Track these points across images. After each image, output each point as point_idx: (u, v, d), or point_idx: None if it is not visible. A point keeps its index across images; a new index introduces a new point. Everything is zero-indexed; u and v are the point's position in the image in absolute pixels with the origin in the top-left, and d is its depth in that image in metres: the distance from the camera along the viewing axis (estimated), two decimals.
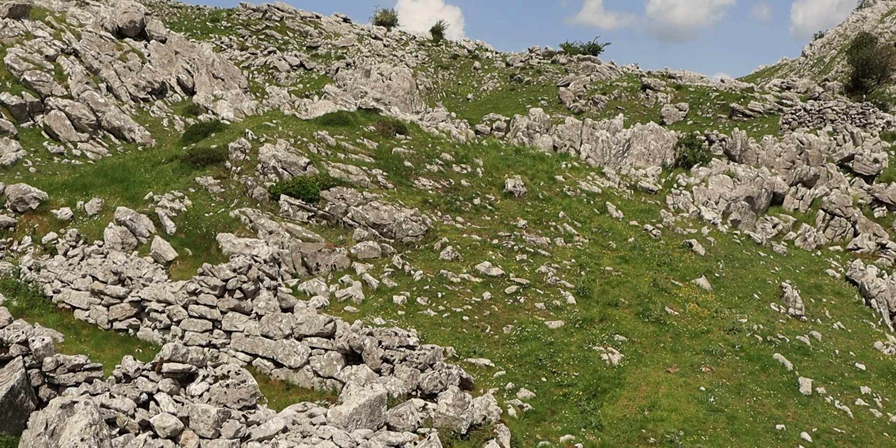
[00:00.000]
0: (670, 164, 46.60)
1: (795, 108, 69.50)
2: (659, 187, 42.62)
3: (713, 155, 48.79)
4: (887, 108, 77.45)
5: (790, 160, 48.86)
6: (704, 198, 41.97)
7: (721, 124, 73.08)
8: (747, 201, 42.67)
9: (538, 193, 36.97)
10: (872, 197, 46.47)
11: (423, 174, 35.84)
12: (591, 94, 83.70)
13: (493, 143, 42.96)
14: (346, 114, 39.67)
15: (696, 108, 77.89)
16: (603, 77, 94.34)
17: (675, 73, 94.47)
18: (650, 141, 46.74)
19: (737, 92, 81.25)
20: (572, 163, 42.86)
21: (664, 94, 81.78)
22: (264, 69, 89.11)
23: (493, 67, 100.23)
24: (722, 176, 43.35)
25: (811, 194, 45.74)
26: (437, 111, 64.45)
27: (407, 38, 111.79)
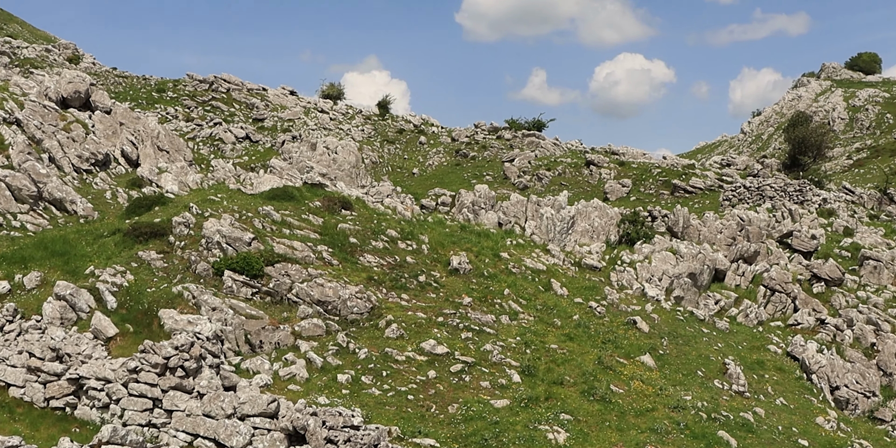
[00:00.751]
0: (614, 240, 47.02)
1: (735, 184, 70.71)
2: (603, 264, 42.94)
3: (656, 232, 49.32)
4: (823, 185, 79.10)
5: (731, 237, 49.51)
6: (648, 274, 42.30)
7: (663, 200, 74.05)
8: (690, 278, 43.07)
9: (483, 270, 37.04)
10: (811, 273, 47.19)
11: (369, 251, 35.79)
12: (536, 170, 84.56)
13: (438, 220, 43.08)
14: (292, 189, 39.63)
15: (638, 185, 78.94)
16: (547, 153, 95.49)
17: (619, 150, 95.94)
18: (594, 218, 47.17)
19: (678, 168, 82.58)
20: (517, 240, 43.08)
21: (608, 171, 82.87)
22: (210, 141, 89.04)
23: (438, 142, 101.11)
24: (665, 253, 43.78)
25: (752, 270, 46.32)
26: (382, 185, 64.65)
27: (353, 111, 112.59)
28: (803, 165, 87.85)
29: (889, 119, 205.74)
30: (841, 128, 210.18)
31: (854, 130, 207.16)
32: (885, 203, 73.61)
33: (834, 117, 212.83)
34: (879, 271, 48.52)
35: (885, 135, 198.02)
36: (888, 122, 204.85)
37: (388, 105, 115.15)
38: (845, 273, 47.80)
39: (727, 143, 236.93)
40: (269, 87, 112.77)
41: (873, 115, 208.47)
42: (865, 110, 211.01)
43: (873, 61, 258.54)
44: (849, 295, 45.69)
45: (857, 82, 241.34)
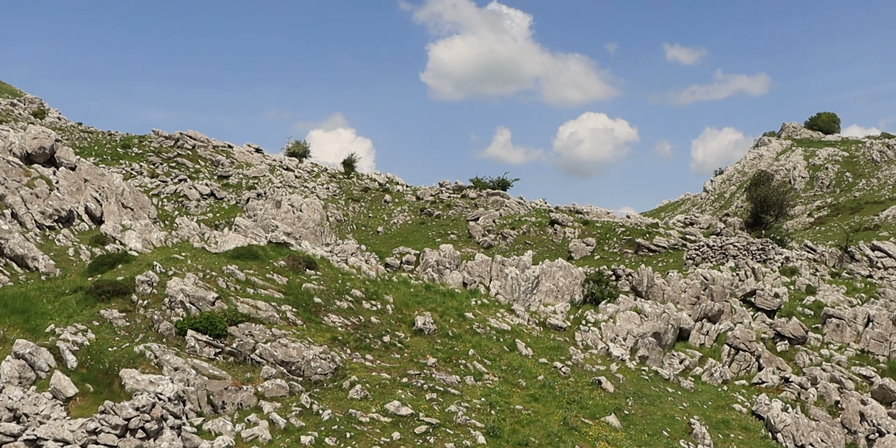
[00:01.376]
0: (579, 300, 47.13)
1: (699, 243, 71.27)
2: (568, 324, 42.96)
3: (620, 291, 49.51)
4: (785, 243, 79.85)
5: (695, 296, 49.77)
6: (613, 334, 42.35)
7: (628, 259, 74.41)
8: (654, 337, 43.15)
9: (448, 331, 36.95)
10: (774, 331, 47.43)
11: (333, 311, 35.65)
12: (501, 229, 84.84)
13: (403, 279, 43.03)
14: (257, 248, 39.52)
15: (603, 243, 79.33)
16: (512, 212, 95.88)
17: (583, 209, 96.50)
18: (559, 277, 47.31)
19: (642, 227, 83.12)
20: (482, 299, 43.09)
21: (572, 230, 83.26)
22: (174, 197, 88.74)
23: (403, 201, 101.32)
24: (629, 312, 43.89)
25: (716, 329, 46.47)
26: (347, 243, 64.56)
27: (318, 169, 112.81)
28: (765, 224, 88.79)
29: (848, 177, 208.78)
30: (802, 186, 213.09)
31: (815, 189, 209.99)
32: (845, 261, 74.37)
33: (795, 176, 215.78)
34: (842, 329, 48.83)
35: (845, 193, 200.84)
36: (847, 180, 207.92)
37: (354, 163, 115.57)
38: (808, 331, 48.08)
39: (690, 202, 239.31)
40: (235, 145, 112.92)
41: (833, 174, 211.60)
42: (825, 169, 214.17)
43: (832, 121, 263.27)
44: (812, 353, 45.91)
45: (817, 141, 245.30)
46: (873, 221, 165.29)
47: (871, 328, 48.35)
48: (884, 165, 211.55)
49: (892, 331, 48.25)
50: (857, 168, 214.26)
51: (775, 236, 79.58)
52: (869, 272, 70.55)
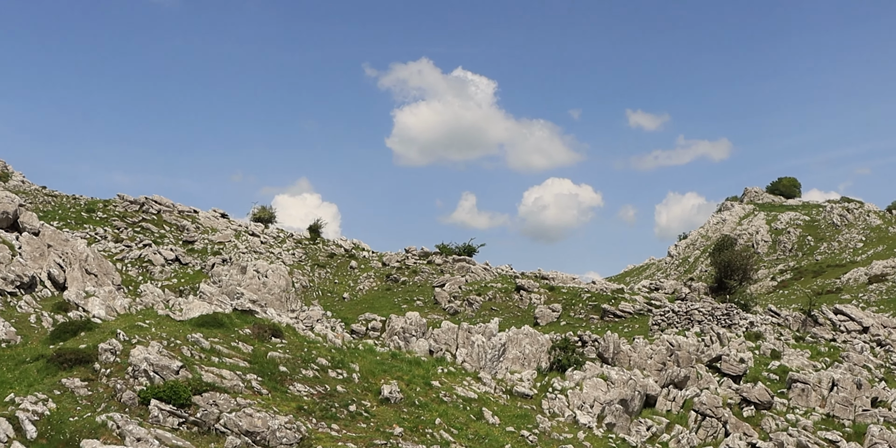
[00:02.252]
0: (545, 367, 47.06)
1: (664, 309, 71.57)
2: (534, 392, 42.83)
3: (587, 357, 49.50)
4: (749, 307, 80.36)
5: (661, 362, 49.87)
6: (579, 401, 42.26)
7: (594, 325, 74.53)
8: (621, 404, 43.10)
9: (415, 399, 36.75)
10: (741, 397, 47.58)
11: (299, 379, 35.39)
12: (467, 295, 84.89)
13: (369, 347, 42.86)
14: (222, 315, 39.29)
15: (568, 309, 79.49)
16: (478, 278, 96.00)
17: (548, 274, 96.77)
18: (525, 345, 47.28)
19: (608, 293, 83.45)
20: (449, 367, 42.93)
21: (538, 295, 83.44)
22: (139, 262, 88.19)
23: (369, 267, 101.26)
24: (596, 379, 43.86)
25: (682, 395, 46.52)
26: (313, 310, 64.32)
27: (284, 235, 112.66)
28: (730, 288, 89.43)
29: (810, 241, 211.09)
30: (765, 250, 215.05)
31: (777, 252, 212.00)
32: (809, 325, 74.88)
33: (757, 240, 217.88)
34: (807, 394, 49.08)
35: (807, 256, 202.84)
36: (809, 244, 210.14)
37: (320, 229, 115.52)
38: (774, 396, 48.28)
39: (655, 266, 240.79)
40: (201, 210, 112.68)
41: (795, 238, 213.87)
42: (787, 233, 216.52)
43: (793, 185, 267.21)
44: (779, 418, 46.06)
45: (779, 206, 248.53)
46: (835, 285, 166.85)
47: (835, 392, 48.64)
48: (844, 229, 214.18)
49: (857, 395, 48.54)
50: (818, 232, 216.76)
51: (739, 301, 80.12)
52: (832, 336, 71.06)
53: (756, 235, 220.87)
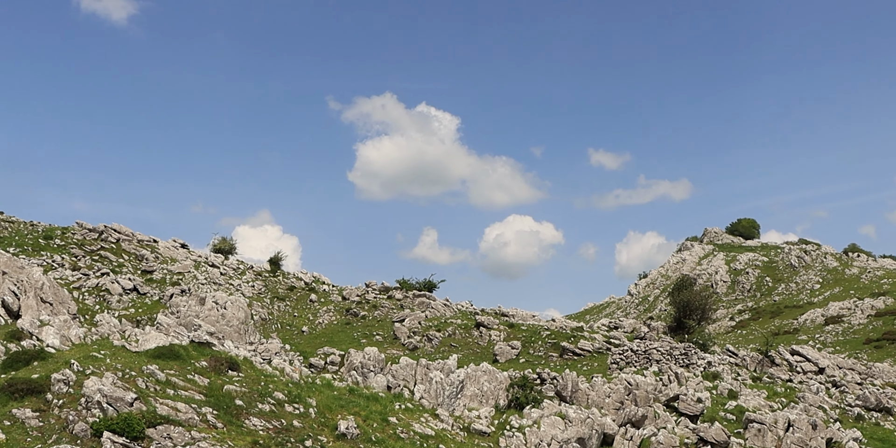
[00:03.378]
0: (503, 405, 46.93)
1: (623, 347, 71.69)
2: (492, 429, 42.67)
3: (545, 395, 49.44)
4: (708, 347, 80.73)
5: (619, 401, 49.92)
6: (537, 440, 42.16)
7: (553, 362, 74.49)
8: (579, 443, 43.03)
9: (372, 435, 36.48)
10: (698, 436, 47.69)
11: (255, 413, 35.04)
12: (426, 331, 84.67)
13: (326, 382, 42.56)
14: (178, 347, 38.90)
15: (528, 347, 79.44)
16: (438, 313, 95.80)
17: (508, 311, 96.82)
18: (483, 382, 47.16)
19: (567, 331, 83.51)
20: (406, 404, 42.71)
21: (497, 332, 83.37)
22: (96, 291, 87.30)
23: (329, 300, 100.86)
24: (554, 417, 43.79)
25: (640, 435, 46.53)
26: (271, 343, 63.84)
27: (244, 267, 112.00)
28: (688, 328, 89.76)
29: (768, 282, 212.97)
30: (723, 290, 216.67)
31: (736, 293, 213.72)
32: (766, 365, 75.36)
33: (717, 280, 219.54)
34: (763, 434, 49.27)
35: (765, 297, 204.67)
36: (767, 284, 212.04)
37: (280, 261, 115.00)
38: (731, 436, 48.42)
39: (615, 305, 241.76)
40: (160, 239, 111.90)
41: (753, 278, 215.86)
42: (746, 273, 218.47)
43: (752, 227, 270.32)
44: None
45: (738, 246, 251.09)
46: (793, 325, 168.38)
47: (791, 433, 48.87)
48: (801, 271, 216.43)
49: (812, 435, 48.78)
50: (776, 273, 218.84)
51: (698, 340, 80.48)
52: (789, 376, 71.56)
53: (715, 275, 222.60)
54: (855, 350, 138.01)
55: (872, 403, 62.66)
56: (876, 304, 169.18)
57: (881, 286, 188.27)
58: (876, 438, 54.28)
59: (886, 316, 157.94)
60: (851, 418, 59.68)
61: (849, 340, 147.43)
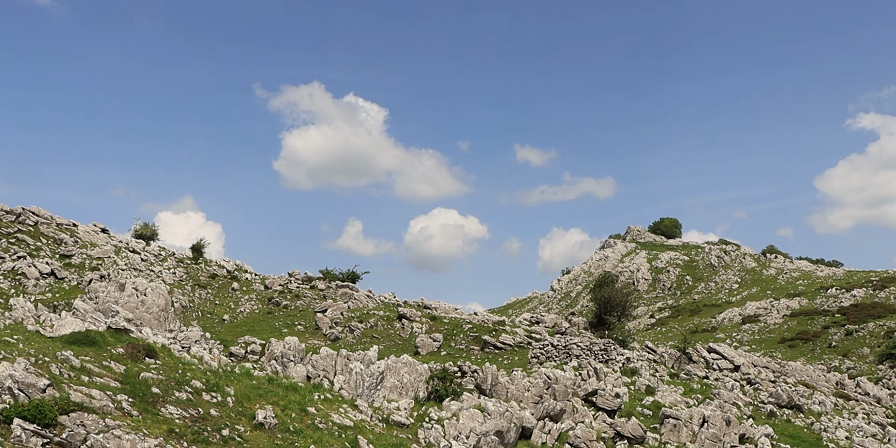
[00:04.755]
0: (423, 397, 46.92)
1: (544, 342, 72.23)
2: (411, 421, 42.63)
3: (465, 388, 49.56)
4: (627, 344, 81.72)
5: (538, 395, 50.22)
6: (455, 432, 42.19)
7: (474, 356, 74.79)
8: (497, 435, 43.16)
9: (289, 425, 36.22)
10: (615, 431, 48.20)
11: (172, 402, 34.58)
12: (349, 322, 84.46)
13: (245, 371, 42.14)
14: (95, 333, 38.23)
15: (450, 340, 79.65)
16: (360, 305, 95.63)
17: (431, 304, 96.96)
18: (404, 374, 47.11)
19: (489, 325, 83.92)
20: (325, 394, 42.47)
21: (419, 325, 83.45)
22: (11, 274, 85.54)
23: (251, 289, 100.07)
24: (473, 410, 43.87)
25: (558, 429, 46.81)
26: (191, 331, 63.14)
27: (166, 253, 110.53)
28: (609, 324, 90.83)
29: (688, 281, 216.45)
30: (645, 288, 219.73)
31: (657, 290, 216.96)
32: (683, 362, 76.53)
33: (638, 278, 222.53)
34: (679, 429, 49.96)
35: (685, 295, 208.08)
36: (687, 283, 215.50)
37: (202, 249, 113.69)
38: (647, 431, 49.04)
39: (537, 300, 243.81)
40: (80, 224, 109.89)
41: (674, 277, 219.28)
42: (667, 272, 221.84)
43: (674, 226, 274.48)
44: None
45: (660, 245, 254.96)
46: (711, 324, 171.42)
47: (706, 428, 49.61)
48: (721, 270, 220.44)
49: (726, 431, 49.59)
50: (696, 272, 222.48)
51: (618, 337, 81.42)
52: (705, 373, 72.74)
53: (637, 273, 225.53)
54: (770, 349, 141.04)
55: (784, 401, 63.95)
56: (791, 305, 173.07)
57: (797, 287, 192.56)
58: (787, 435, 55.43)
59: (801, 316, 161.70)
60: (764, 415, 60.86)
61: (764, 339, 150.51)
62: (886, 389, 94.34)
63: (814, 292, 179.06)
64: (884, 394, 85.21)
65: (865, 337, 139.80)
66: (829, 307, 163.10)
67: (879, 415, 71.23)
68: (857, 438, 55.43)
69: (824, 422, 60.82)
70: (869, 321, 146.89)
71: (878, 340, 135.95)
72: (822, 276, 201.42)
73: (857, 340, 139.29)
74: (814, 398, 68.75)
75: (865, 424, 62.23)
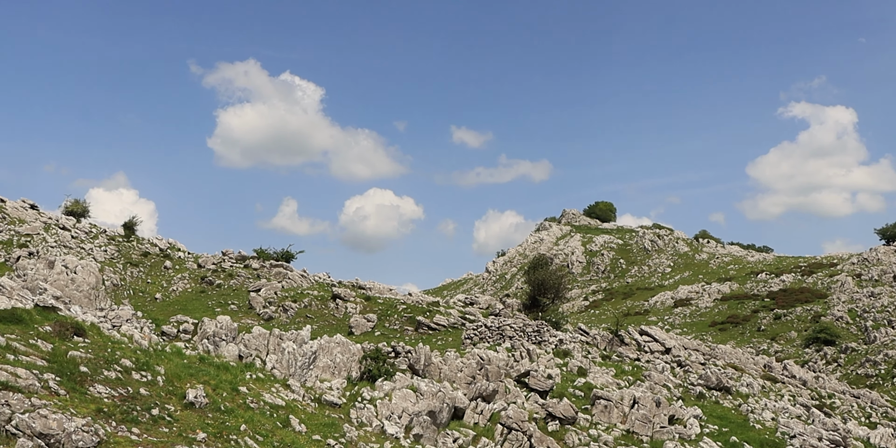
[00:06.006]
0: (356, 377, 46.80)
1: (477, 323, 72.43)
2: (344, 401, 42.52)
3: (398, 368, 49.54)
4: (560, 326, 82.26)
5: (471, 375, 50.33)
6: (388, 412, 42.17)
7: (408, 336, 74.81)
8: (429, 416, 43.21)
9: (221, 405, 35.91)
10: (546, 411, 48.49)
11: (100, 381, 34.08)
12: (282, 301, 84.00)
13: (176, 350, 41.66)
14: (21, 311, 37.53)
15: (384, 320, 79.58)
16: (295, 284, 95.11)
17: (366, 284, 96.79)
18: (336, 354, 46.93)
19: (423, 305, 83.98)
20: (257, 374, 42.16)
21: (354, 305, 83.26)
22: None
23: (184, 268, 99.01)
24: (406, 390, 43.87)
25: (490, 409, 46.98)
26: (123, 309, 62.27)
27: (97, 231, 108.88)
28: (542, 306, 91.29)
29: (622, 264, 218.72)
30: (579, 271, 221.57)
31: (591, 273, 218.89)
32: (615, 344, 77.24)
33: (573, 260, 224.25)
34: (609, 410, 50.45)
35: (619, 278, 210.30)
36: (621, 266, 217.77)
37: (135, 226, 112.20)
38: (578, 412, 49.42)
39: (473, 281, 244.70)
40: (8, 199, 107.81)
41: (608, 260, 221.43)
42: (601, 255, 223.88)
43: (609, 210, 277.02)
44: (581, 433, 47.11)
45: (595, 229, 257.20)
46: (643, 307, 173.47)
47: (636, 409, 50.15)
48: (654, 254, 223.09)
49: (656, 412, 50.17)
50: (630, 256, 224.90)
51: (551, 318, 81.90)
52: (637, 355, 73.53)
53: (571, 256, 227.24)
54: (701, 332, 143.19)
55: (714, 383, 64.86)
56: (722, 289, 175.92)
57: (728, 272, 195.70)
58: (715, 416, 56.25)
59: (731, 300, 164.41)
60: (693, 396, 61.67)
61: (695, 322, 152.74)
62: (812, 372, 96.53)
63: (744, 277, 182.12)
64: (809, 376, 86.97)
65: (793, 321, 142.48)
66: (759, 292, 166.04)
67: (805, 397, 72.61)
68: (783, 419, 56.36)
69: (751, 403, 61.80)
70: (797, 306, 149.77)
71: (805, 325, 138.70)
72: (752, 262, 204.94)
73: (785, 324, 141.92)
74: (742, 380, 69.85)
75: (791, 406, 63.35)
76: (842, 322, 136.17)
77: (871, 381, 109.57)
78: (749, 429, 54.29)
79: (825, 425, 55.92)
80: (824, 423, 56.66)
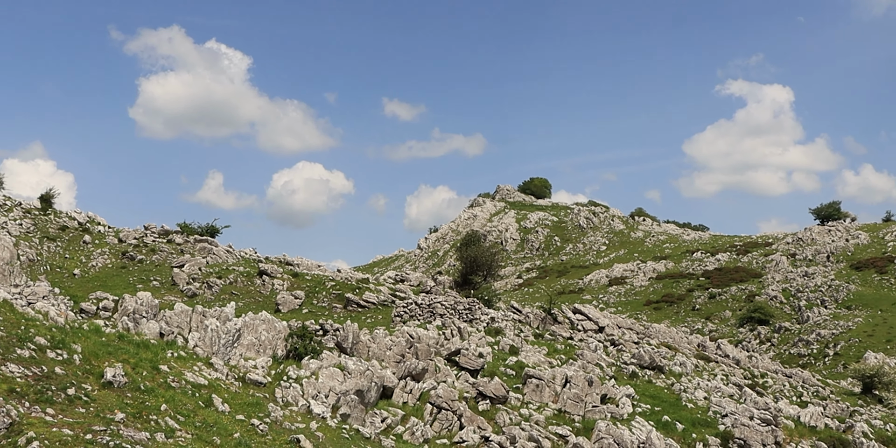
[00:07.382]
0: (281, 355, 45.62)
1: (408, 301, 71.49)
2: (268, 380, 41.34)
3: (325, 346, 48.46)
4: (492, 303, 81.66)
5: (400, 354, 49.46)
6: (314, 391, 41.12)
7: (336, 314, 73.67)
8: (357, 395, 42.26)
9: (140, 384, 34.50)
10: (477, 391, 47.82)
11: (13, 360, 32.48)
12: (207, 278, 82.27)
13: (95, 327, 40.09)
14: None
15: (312, 297, 78.32)
16: (220, 260, 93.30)
17: (293, 261, 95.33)
18: (262, 331, 45.65)
19: (353, 282, 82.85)
20: (179, 352, 40.76)
21: (281, 281, 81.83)
22: None
23: (104, 242, 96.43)
24: (333, 369, 42.84)
25: (419, 388, 46.20)
26: (39, 286, 60.27)
27: (12, 203, 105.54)
28: (474, 284, 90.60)
29: (557, 241, 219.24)
30: (513, 248, 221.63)
31: (525, 251, 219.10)
32: (548, 323, 76.84)
33: (507, 237, 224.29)
34: (541, 389, 49.93)
35: (553, 256, 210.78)
36: (556, 244, 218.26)
37: (52, 199, 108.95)
38: (510, 391, 48.81)
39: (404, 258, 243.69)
40: None
41: (542, 237, 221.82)
42: (536, 232, 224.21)
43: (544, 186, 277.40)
44: (513, 412, 46.54)
45: (529, 205, 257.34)
46: (578, 285, 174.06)
47: (568, 389, 49.67)
48: (589, 232, 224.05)
49: (588, 391, 49.75)
50: (565, 233, 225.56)
51: (483, 296, 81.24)
52: (570, 334, 73.19)
53: (505, 233, 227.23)
54: (636, 311, 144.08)
55: (647, 361, 64.75)
56: (657, 268, 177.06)
57: (663, 250, 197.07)
58: (648, 395, 56.05)
59: (666, 279, 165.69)
60: (626, 375, 61.47)
61: (630, 301, 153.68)
62: (745, 352, 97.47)
63: (680, 256, 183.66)
64: (742, 356, 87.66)
65: (728, 300, 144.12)
66: (694, 271, 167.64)
67: (738, 376, 72.97)
68: (715, 398, 56.38)
69: (684, 382, 61.80)
70: (731, 285, 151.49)
71: (739, 304, 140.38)
72: (688, 240, 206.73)
73: (720, 304, 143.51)
74: (675, 360, 69.91)
75: (724, 385, 63.52)
76: (776, 301, 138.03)
77: (803, 361, 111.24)
78: (681, 408, 54.17)
79: (757, 404, 56.04)
80: (756, 403, 56.81)
